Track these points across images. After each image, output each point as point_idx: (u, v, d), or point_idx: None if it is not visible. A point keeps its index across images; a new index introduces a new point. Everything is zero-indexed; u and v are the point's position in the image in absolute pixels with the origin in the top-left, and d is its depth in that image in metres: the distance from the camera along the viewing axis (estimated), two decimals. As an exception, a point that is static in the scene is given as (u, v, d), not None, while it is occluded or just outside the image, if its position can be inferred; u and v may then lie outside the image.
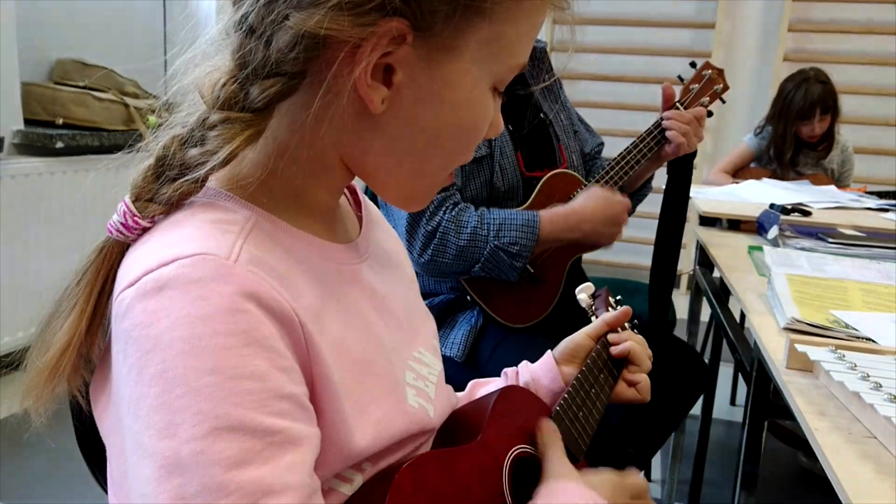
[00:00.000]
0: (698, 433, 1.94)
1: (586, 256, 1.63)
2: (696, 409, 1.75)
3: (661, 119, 1.52)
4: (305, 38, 0.48)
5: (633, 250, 3.81)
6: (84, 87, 2.59)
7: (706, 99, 1.56)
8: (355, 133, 0.54)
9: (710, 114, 1.57)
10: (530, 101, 1.57)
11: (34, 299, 2.42)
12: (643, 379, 0.86)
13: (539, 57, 1.59)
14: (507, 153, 1.46)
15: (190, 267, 0.46)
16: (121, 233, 0.51)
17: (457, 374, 1.46)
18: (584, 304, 1.02)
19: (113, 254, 0.52)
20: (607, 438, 1.30)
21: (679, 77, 1.62)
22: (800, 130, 2.91)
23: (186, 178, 0.50)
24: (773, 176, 2.89)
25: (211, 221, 0.50)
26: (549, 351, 0.87)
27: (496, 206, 1.45)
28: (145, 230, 0.51)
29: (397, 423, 0.57)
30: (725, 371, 2.47)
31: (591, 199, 1.42)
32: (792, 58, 3.68)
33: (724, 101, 1.62)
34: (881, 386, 0.72)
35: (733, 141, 3.44)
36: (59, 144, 2.40)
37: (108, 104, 2.60)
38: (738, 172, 3.02)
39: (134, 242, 0.51)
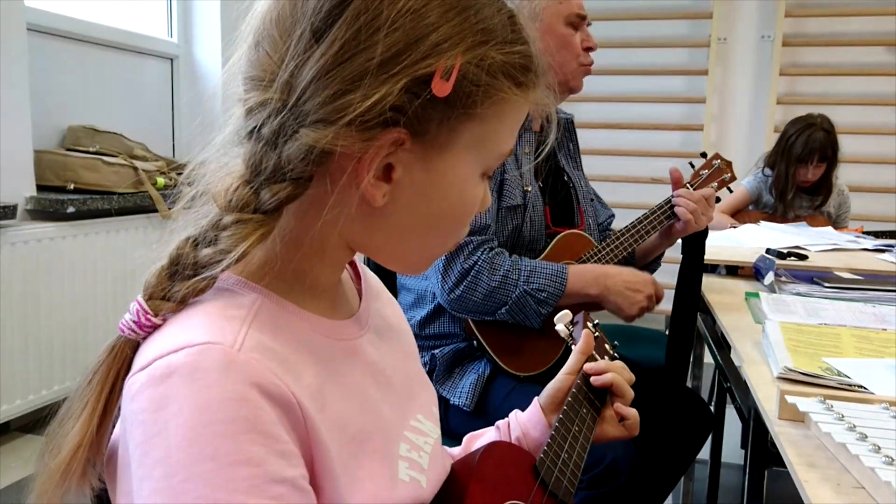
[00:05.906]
0: (708, 478, 1.94)
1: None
2: (705, 454, 1.75)
3: (672, 197, 1.60)
4: (315, 151, 0.52)
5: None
6: (94, 153, 2.65)
7: (714, 184, 1.68)
8: (360, 222, 0.59)
9: (717, 199, 1.68)
10: (558, 166, 1.66)
11: (48, 363, 2.45)
12: (633, 414, 0.86)
13: (567, 127, 1.72)
14: (538, 207, 1.54)
15: (197, 355, 0.49)
16: (133, 331, 0.53)
17: (466, 424, 1.48)
18: (562, 335, 0.99)
19: (124, 352, 0.53)
20: (617, 490, 1.32)
21: (690, 164, 1.74)
22: (797, 172, 2.98)
23: (201, 276, 0.53)
24: (772, 218, 2.94)
25: (219, 308, 0.53)
26: (535, 399, 0.89)
27: (519, 255, 1.50)
28: (156, 327, 0.53)
29: (388, 498, 0.58)
30: (735, 413, 2.46)
31: (619, 267, 1.52)
32: (785, 101, 3.75)
33: (731, 191, 1.81)
34: (867, 437, 0.74)
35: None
36: (71, 209, 2.46)
37: (117, 168, 2.66)
38: (737, 215, 3.08)
39: (144, 340, 0.53)
